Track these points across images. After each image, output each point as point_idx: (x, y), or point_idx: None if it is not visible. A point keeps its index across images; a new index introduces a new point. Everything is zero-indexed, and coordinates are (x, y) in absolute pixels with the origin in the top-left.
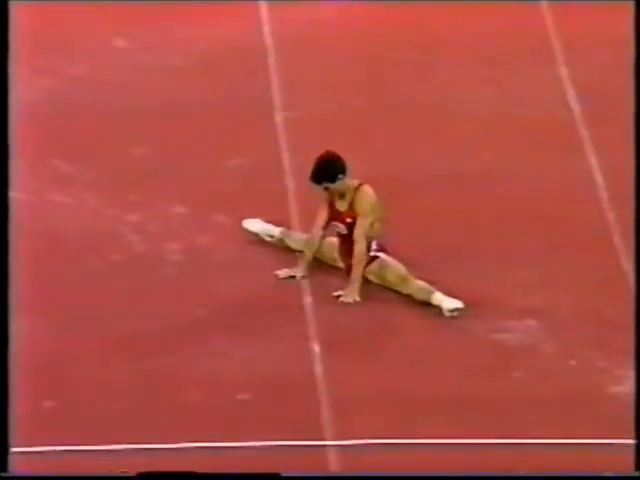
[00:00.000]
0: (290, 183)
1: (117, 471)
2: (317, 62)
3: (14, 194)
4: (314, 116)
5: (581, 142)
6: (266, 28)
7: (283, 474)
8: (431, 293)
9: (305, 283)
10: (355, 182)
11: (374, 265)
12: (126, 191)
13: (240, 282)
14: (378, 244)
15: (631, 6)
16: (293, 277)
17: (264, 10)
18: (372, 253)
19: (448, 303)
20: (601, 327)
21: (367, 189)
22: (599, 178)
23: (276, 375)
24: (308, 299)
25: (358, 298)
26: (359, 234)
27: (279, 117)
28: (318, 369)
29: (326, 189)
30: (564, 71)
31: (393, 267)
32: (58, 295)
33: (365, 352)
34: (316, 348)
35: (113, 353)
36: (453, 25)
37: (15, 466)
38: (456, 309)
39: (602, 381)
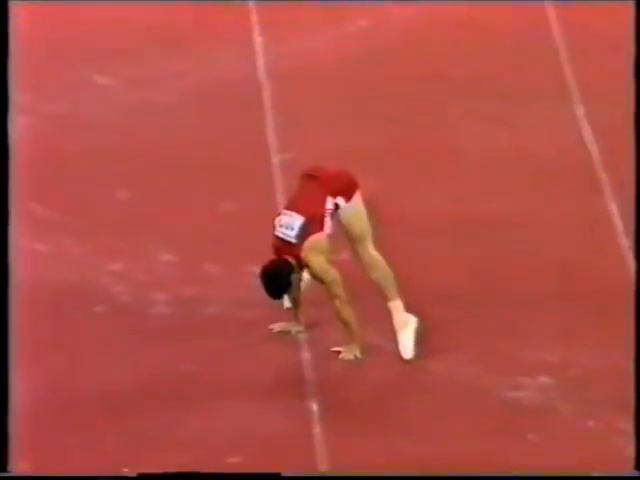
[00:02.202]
0: None
1: None
2: (315, 97)
3: None
4: (313, 157)
5: (599, 185)
6: (260, 62)
7: (283, 474)
8: (394, 299)
9: (302, 338)
10: (292, 261)
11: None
12: (109, 238)
13: (232, 336)
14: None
15: (631, 6)
16: (289, 332)
17: (258, 43)
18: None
19: (404, 344)
20: (621, 385)
21: (307, 259)
22: (619, 223)
23: (270, 436)
24: (305, 355)
25: (359, 355)
26: (334, 298)
27: (275, 159)
28: (316, 430)
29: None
30: (581, 109)
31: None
32: (35, 351)
33: (367, 411)
34: (314, 407)
35: (95, 412)
36: (458, 57)
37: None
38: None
39: (623, 445)
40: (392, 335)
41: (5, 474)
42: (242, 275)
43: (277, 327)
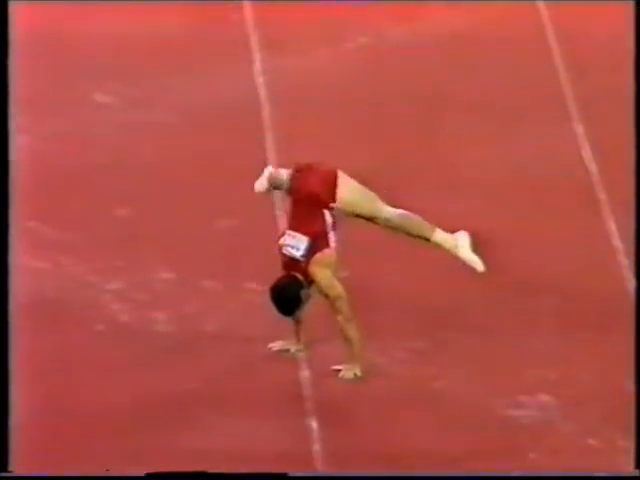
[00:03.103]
0: None
1: None
2: (314, 115)
3: None
4: None
5: (598, 204)
6: (259, 80)
7: (290, 474)
8: (432, 233)
9: (301, 356)
10: (301, 277)
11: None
12: (108, 255)
13: (231, 354)
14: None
15: (631, 6)
16: (288, 350)
17: (257, 60)
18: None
19: (468, 260)
20: (621, 403)
21: (314, 273)
22: (618, 243)
23: (270, 454)
24: (305, 373)
25: (359, 373)
26: (338, 314)
27: None
28: (316, 447)
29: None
30: (580, 128)
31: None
32: (35, 370)
33: (366, 430)
34: (314, 425)
35: (96, 430)
36: (457, 75)
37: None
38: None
39: (624, 462)
40: (393, 353)
41: (5, 474)
42: (241, 292)
43: (277, 345)
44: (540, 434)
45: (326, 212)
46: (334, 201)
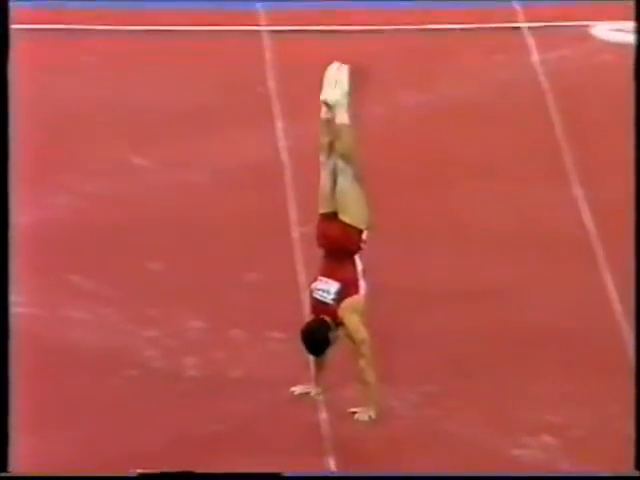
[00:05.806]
0: (305, 298)
1: None
2: None
3: (29, 309)
4: None
5: (596, 259)
6: (282, 143)
7: (284, 474)
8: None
9: (320, 399)
10: (329, 320)
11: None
12: (143, 306)
13: (256, 398)
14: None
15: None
16: (308, 393)
17: (279, 126)
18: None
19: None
20: (621, 444)
21: (343, 317)
22: (614, 293)
23: None
24: (323, 415)
25: (374, 416)
26: (360, 358)
27: (295, 233)
28: None
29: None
30: (579, 190)
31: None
32: (73, 413)
33: (382, 469)
34: (331, 463)
35: (128, 470)
36: (466, 142)
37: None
38: None
39: None
40: (406, 396)
41: (5, 474)
42: (265, 340)
43: (298, 389)
44: (540, 473)
45: (357, 258)
46: (361, 234)
